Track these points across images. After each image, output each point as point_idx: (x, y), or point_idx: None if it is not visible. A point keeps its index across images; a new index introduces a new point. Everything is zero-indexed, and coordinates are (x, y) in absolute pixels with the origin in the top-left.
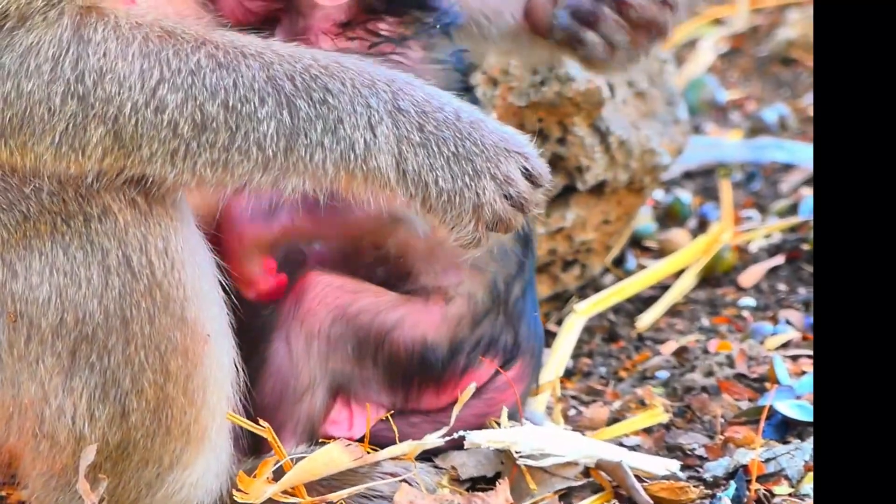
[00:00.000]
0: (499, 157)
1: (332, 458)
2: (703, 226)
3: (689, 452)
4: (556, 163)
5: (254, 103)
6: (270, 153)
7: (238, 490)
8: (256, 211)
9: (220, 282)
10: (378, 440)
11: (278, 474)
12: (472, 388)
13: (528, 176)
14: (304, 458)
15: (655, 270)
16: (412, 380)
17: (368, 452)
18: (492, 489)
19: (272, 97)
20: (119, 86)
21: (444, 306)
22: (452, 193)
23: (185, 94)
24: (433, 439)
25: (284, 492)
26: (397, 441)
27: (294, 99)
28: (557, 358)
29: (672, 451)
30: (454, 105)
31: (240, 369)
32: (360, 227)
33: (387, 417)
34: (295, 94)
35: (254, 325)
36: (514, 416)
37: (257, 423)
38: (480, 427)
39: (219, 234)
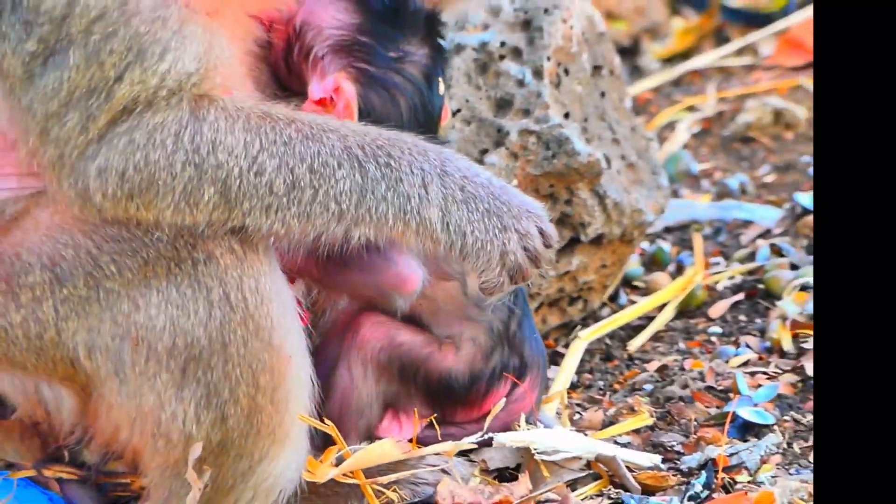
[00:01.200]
0: (521, 216)
1: (385, 450)
2: (679, 270)
3: (668, 448)
4: (564, 219)
5: (333, 167)
6: (344, 207)
7: (307, 471)
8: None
9: (300, 316)
10: (421, 443)
11: (341, 464)
12: (502, 402)
13: (542, 235)
14: (361, 449)
15: (642, 305)
16: (444, 400)
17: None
18: (515, 479)
19: (347, 161)
20: (228, 154)
21: (456, 351)
22: (485, 242)
23: (280, 161)
24: (470, 440)
25: (345, 475)
26: (440, 439)
27: (364, 163)
28: (565, 374)
29: (656, 447)
30: (487, 174)
31: (314, 383)
32: (352, 294)
33: (431, 421)
34: (365, 159)
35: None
36: (530, 420)
37: (324, 422)
38: (504, 430)
39: None
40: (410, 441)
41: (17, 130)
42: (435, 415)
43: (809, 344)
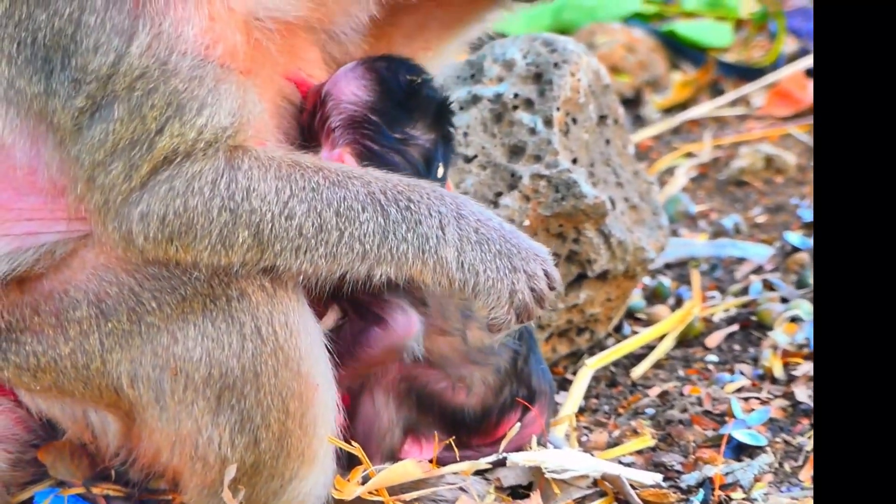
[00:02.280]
0: (530, 259)
1: (407, 469)
2: (679, 303)
3: (669, 468)
4: (572, 256)
5: (357, 210)
6: (368, 247)
7: (335, 489)
8: None
9: (326, 347)
10: (441, 464)
11: (366, 482)
12: (517, 427)
13: (547, 277)
14: (385, 468)
15: (644, 335)
16: (458, 431)
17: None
18: (527, 496)
19: (370, 206)
20: (261, 200)
21: (468, 391)
22: (496, 280)
23: (309, 206)
24: (486, 460)
25: (370, 493)
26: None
27: (386, 206)
28: (573, 399)
29: (657, 467)
30: (499, 219)
31: (340, 410)
32: (376, 365)
33: (450, 444)
34: (387, 203)
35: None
36: (541, 442)
37: (350, 444)
38: (517, 451)
39: None
40: (430, 461)
41: (66, 178)
42: (446, 438)
43: (799, 371)
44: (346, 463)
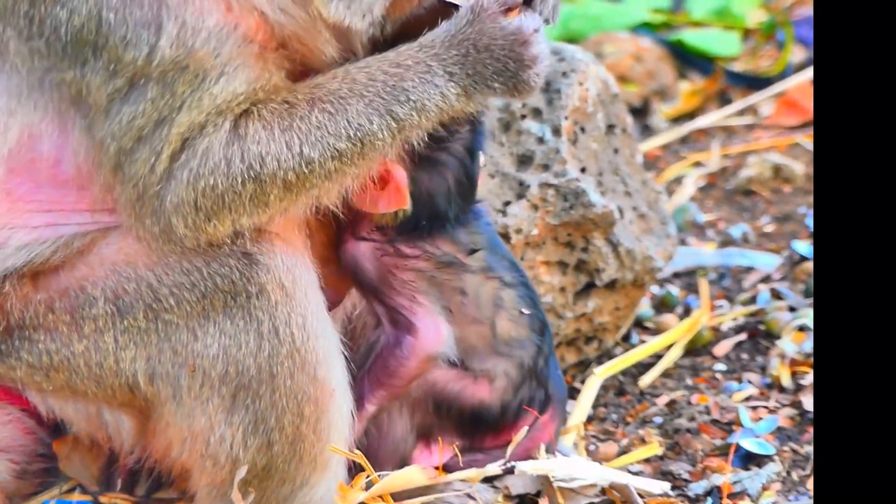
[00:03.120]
0: (521, 53)
1: (411, 476)
2: (687, 312)
3: (677, 477)
4: (580, 265)
5: (366, 127)
6: (390, 142)
7: (338, 495)
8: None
9: (343, 353)
10: (451, 470)
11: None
12: (524, 431)
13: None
14: (388, 475)
15: (653, 344)
16: (475, 430)
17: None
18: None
19: (376, 114)
20: (276, 161)
21: (491, 383)
22: (511, 90)
23: (322, 146)
24: (493, 467)
25: (375, 499)
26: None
27: (390, 108)
28: (581, 408)
29: (665, 475)
30: (472, 40)
31: (354, 416)
32: (413, 377)
33: (456, 453)
34: (389, 105)
35: None
36: (549, 450)
37: (357, 452)
38: (526, 458)
39: None
40: (437, 468)
41: (93, 165)
42: (461, 444)
43: (807, 380)
44: (358, 472)
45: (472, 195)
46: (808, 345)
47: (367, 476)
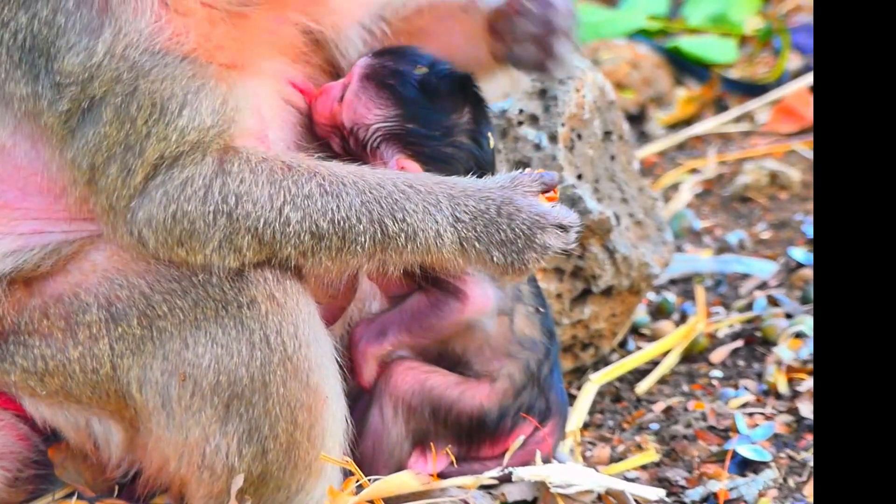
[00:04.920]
0: (535, 234)
1: (403, 481)
2: (683, 318)
3: (673, 483)
4: (577, 272)
5: (352, 222)
6: (370, 253)
7: (328, 499)
8: (372, 332)
9: (336, 360)
10: (447, 478)
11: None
12: (521, 439)
13: (560, 230)
14: (380, 479)
15: (649, 351)
16: (472, 436)
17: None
18: None
19: (365, 217)
20: (253, 205)
21: (492, 384)
22: (506, 266)
23: (304, 213)
24: (490, 474)
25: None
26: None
27: (382, 219)
28: (578, 414)
29: (661, 482)
30: (497, 201)
31: (349, 423)
32: (443, 337)
33: (453, 461)
34: (382, 215)
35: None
36: (546, 457)
37: (353, 458)
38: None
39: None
40: (432, 475)
41: (65, 180)
42: (457, 450)
43: (803, 387)
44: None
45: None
46: (805, 351)
47: (358, 480)
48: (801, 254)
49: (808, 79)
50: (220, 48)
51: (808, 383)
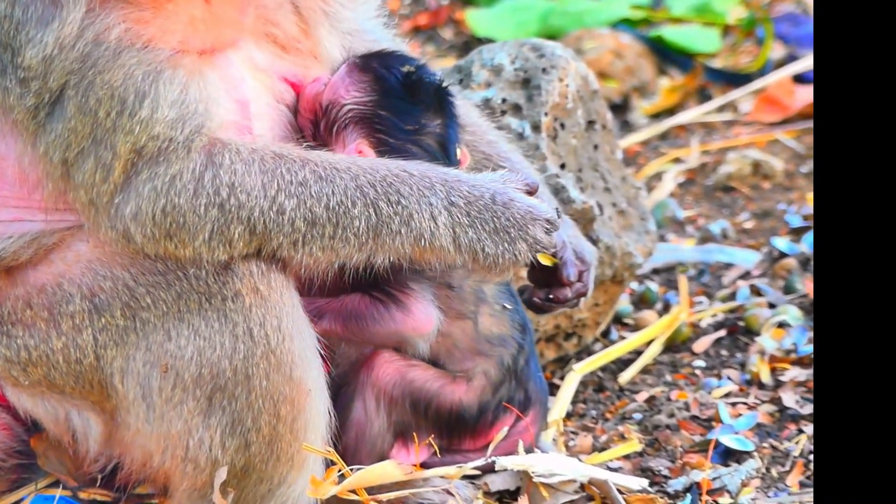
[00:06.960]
0: (527, 225)
1: (386, 471)
2: (666, 308)
3: (656, 473)
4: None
5: (347, 206)
6: (363, 240)
7: (310, 487)
8: (310, 312)
9: (319, 353)
10: (429, 468)
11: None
12: (504, 431)
13: (548, 224)
14: (363, 468)
15: (632, 340)
16: (453, 430)
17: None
18: (515, 501)
19: (360, 201)
20: (247, 196)
21: (469, 382)
22: (496, 256)
23: (298, 201)
24: (473, 464)
25: (350, 492)
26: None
27: (376, 201)
28: (560, 404)
29: (644, 471)
30: (491, 190)
31: (331, 415)
32: (375, 343)
33: (435, 451)
34: (377, 198)
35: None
36: (528, 447)
37: (335, 449)
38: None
39: None
40: (415, 465)
41: (39, 173)
42: (440, 442)
43: (786, 376)
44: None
45: None
46: (788, 341)
47: (340, 470)
48: (784, 243)
49: (792, 68)
50: (183, 36)
51: (791, 373)
